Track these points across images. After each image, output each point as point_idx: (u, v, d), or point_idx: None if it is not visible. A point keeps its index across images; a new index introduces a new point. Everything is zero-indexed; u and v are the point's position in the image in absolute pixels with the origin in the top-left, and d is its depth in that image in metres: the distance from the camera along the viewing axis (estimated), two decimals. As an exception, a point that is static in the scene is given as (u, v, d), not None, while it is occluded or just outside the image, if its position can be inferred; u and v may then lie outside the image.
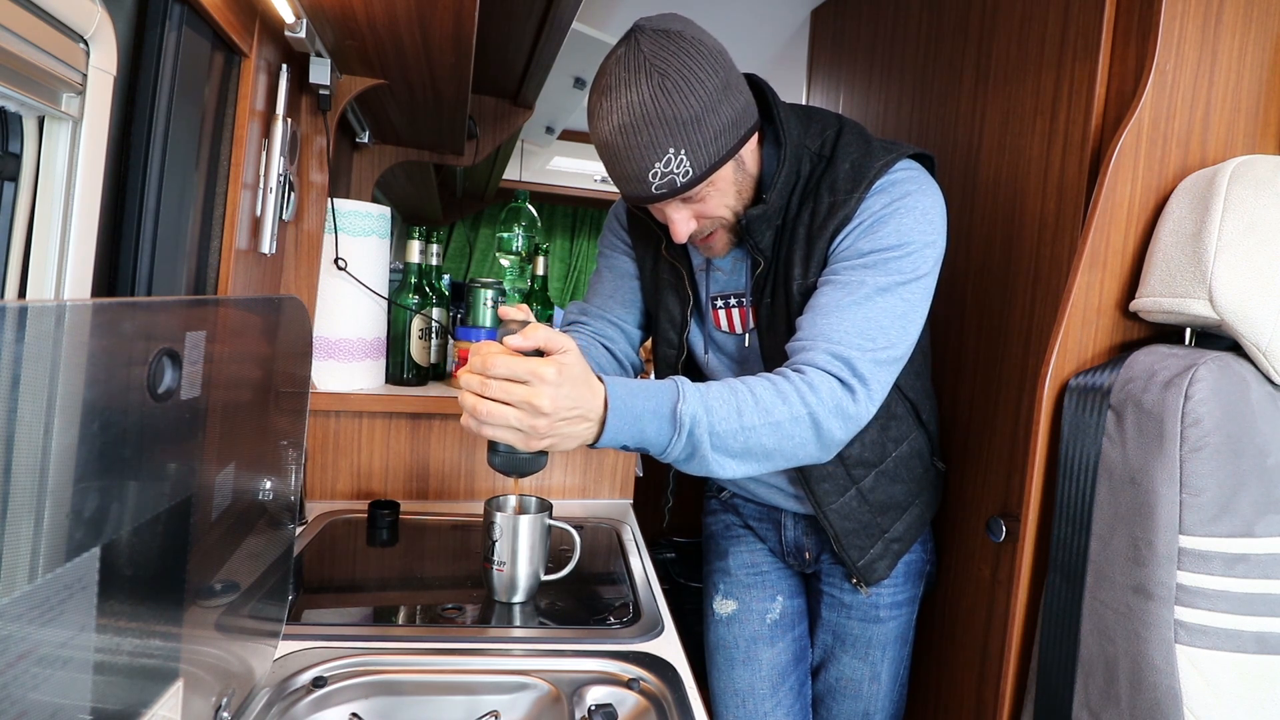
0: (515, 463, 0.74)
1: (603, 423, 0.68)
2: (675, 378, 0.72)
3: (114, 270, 0.66)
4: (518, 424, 0.64)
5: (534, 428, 0.64)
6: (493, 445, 0.74)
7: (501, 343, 0.67)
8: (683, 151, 0.74)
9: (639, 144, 0.74)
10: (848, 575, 1.03)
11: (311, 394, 0.95)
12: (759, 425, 0.71)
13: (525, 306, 0.71)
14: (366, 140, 1.48)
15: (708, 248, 0.88)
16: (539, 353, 0.67)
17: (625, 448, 0.70)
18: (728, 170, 0.80)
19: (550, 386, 0.64)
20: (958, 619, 1.10)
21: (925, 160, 0.88)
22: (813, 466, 0.92)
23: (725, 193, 0.81)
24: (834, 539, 0.96)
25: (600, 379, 0.69)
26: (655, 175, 0.76)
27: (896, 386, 0.92)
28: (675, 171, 0.75)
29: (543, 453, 0.74)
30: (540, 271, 1.53)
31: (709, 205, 0.81)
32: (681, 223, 0.82)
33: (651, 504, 1.48)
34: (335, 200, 1.16)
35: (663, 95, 0.72)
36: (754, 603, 1.10)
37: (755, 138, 0.84)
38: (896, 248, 0.79)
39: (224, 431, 0.55)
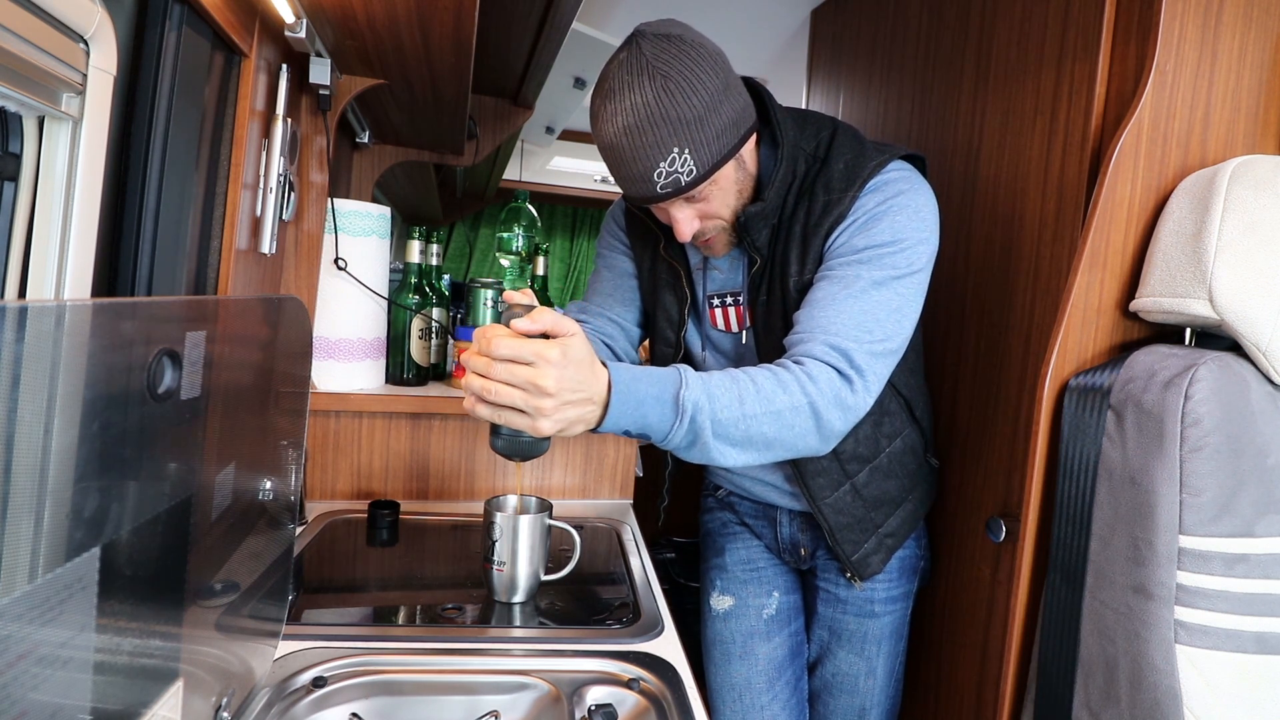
0: (518, 446, 0.74)
1: (605, 407, 0.68)
2: (678, 365, 0.72)
3: (114, 270, 0.66)
4: (523, 405, 0.64)
5: (539, 409, 0.64)
6: (495, 429, 0.73)
7: (507, 326, 0.67)
8: (687, 151, 0.75)
9: (644, 144, 0.75)
10: (842, 569, 1.04)
11: (311, 394, 0.95)
12: (760, 413, 0.71)
13: (529, 290, 0.71)
14: (366, 140, 1.48)
15: (708, 248, 0.89)
16: (545, 336, 0.67)
17: (628, 433, 0.70)
18: (729, 169, 0.81)
19: (555, 367, 0.63)
20: (957, 618, 1.10)
21: (917, 162, 0.89)
22: (807, 461, 0.92)
23: (727, 191, 0.83)
24: (828, 533, 0.97)
25: (604, 364, 0.69)
26: (660, 175, 0.77)
27: (890, 383, 0.92)
28: (680, 171, 0.76)
29: (545, 437, 0.74)
30: (540, 271, 1.53)
31: (712, 204, 0.83)
32: (685, 222, 0.83)
33: (650, 504, 1.48)
34: (335, 200, 1.16)
35: (666, 96, 0.73)
36: (750, 598, 1.11)
37: (754, 138, 0.85)
38: (891, 244, 0.80)
39: (224, 431, 0.55)
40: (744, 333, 0.95)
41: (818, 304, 0.80)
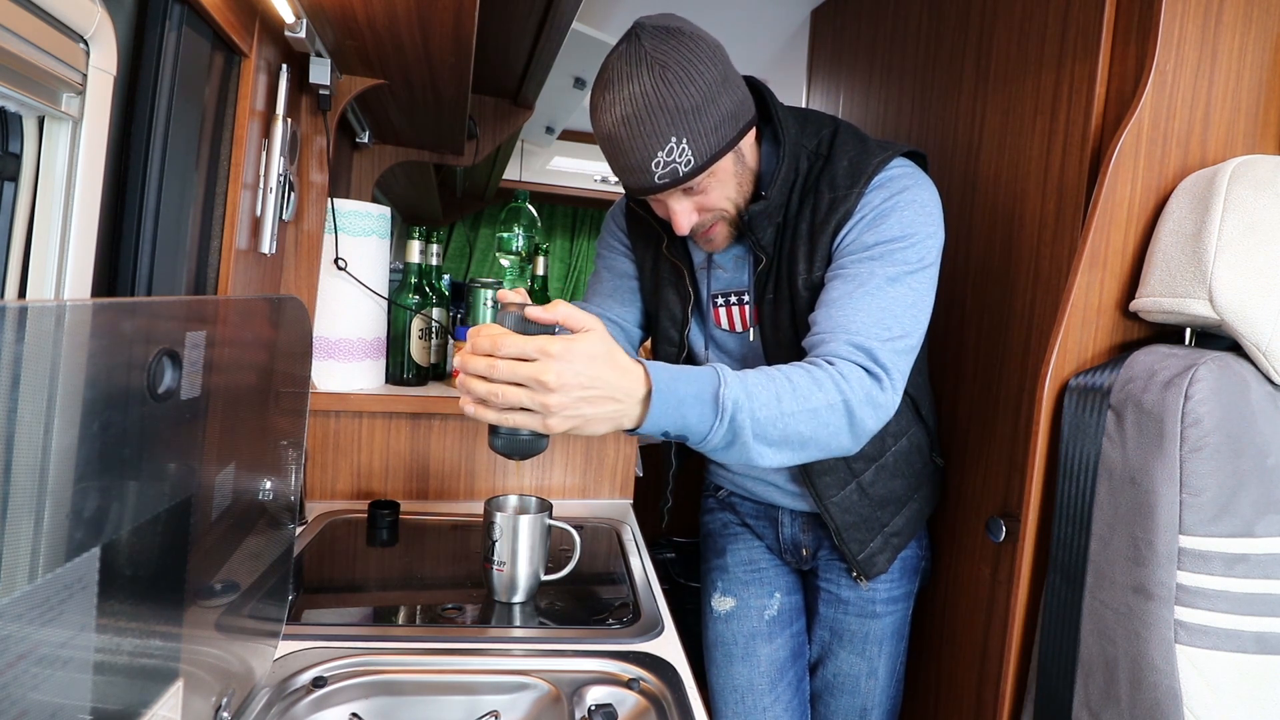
0: (517, 444, 0.72)
1: (644, 406, 0.66)
2: (714, 364, 0.71)
3: (114, 270, 0.66)
4: (529, 403, 0.62)
5: (546, 406, 0.62)
6: (493, 428, 0.71)
7: (501, 325, 0.65)
8: (684, 140, 0.75)
9: (642, 134, 0.75)
10: (848, 569, 1.04)
11: (311, 394, 0.95)
12: (797, 412, 0.70)
13: (523, 290, 0.70)
14: (366, 140, 1.48)
15: (708, 240, 0.89)
16: (553, 331, 0.65)
17: (666, 434, 0.68)
18: (728, 161, 0.81)
19: (557, 361, 0.61)
20: (958, 619, 1.10)
21: (918, 158, 0.90)
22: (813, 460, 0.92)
23: (726, 184, 0.83)
24: (834, 532, 0.97)
25: (640, 362, 0.67)
26: (658, 165, 0.77)
27: None
28: (677, 160, 0.76)
29: (544, 435, 0.71)
30: (540, 271, 1.53)
31: (710, 197, 0.83)
32: (683, 214, 0.83)
33: (650, 505, 1.48)
34: (335, 200, 1.16)
35: (664, 86, 0.74)
36: (752, 599, 1.11)
37: (753, 134, 0.85)
38: (901, 239, 0.80)
39: (224, 431, 0.55)
40: (750, 331, 0.95)
41: (834, 303, 0.79)
